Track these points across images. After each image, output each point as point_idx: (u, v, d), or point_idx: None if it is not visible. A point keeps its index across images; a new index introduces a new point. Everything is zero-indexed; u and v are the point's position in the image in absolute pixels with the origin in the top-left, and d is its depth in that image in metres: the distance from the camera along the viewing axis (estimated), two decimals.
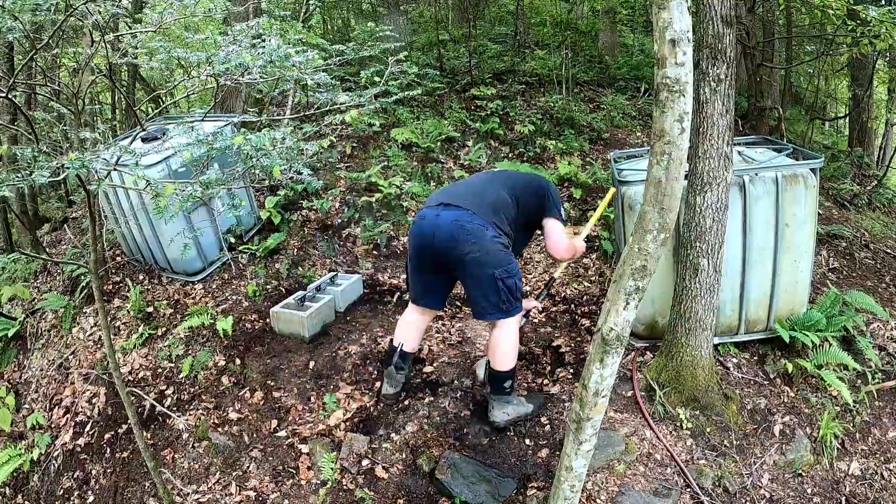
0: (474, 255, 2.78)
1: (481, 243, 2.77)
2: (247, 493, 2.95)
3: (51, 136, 5.27)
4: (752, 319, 3.39)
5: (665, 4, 1.67)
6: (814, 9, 4.63)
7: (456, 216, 2.81)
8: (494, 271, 2.78)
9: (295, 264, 4.68)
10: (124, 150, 2.32)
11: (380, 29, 5.31)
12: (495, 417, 3.02)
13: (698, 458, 2.88)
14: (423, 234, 2.91)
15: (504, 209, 2.94)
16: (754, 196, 3.13)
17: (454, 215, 2.82)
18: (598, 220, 3.32)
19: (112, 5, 2.39)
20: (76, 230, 5.47)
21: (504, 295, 2.83)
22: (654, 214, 1.81)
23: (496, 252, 2.80)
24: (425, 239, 2.90)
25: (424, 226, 2.91)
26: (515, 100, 7.41)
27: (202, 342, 3.89)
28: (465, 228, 2.78)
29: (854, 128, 7.84)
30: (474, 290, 2.91)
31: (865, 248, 4.81)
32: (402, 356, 3.21)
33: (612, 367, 2.05)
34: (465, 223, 2.79)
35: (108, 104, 8.41)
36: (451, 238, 2.79)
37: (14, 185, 1.92)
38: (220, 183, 2.54)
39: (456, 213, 2.82)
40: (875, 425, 3.18)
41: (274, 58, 2.32)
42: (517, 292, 2.88)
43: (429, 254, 2.93)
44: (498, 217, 2.89)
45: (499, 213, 2.90)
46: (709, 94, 2.78)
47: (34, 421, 3.72)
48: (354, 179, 5.63)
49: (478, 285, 2.86)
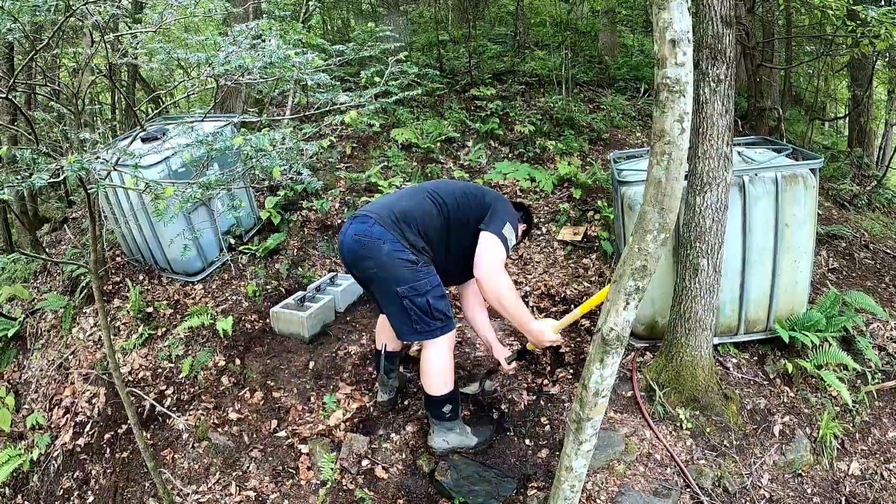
0: (372, 272, 2.60)
1: (377, 258, 2.55)
2: (247, 493, 2.95)
3: (51, 137, 5.28)
4: (752, 320, 3.39)
5: (665, 5, 1.67)
6: (813, 9, 4.63)
7: (356, 230, 2.62)
8: (397, 289, 2.56)
9: (295, 264, 4.68)
10: (124, 153, 2.32)
11: (380, 29, 5.31)
12: (433, 443, 2.89)
13: (698, 458, 2.88)
14: (340, 249, 2.77)
15: (419, 219, 2.68)
16: (754, 196, 3.13)
17: (355, 229, 2.63)
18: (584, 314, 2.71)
19: (112, 6, 2.39)
20: (76, 230, 5.47)
21: (415, 315, 2.59)
22: (654, 214, 1.81)
23: (396, 268, 2.55)
24: (341, 254, 2.77)
25: (340, 241, 2.75)
26: (515, 100, 7.41)
27: (202, 342, 3.89)
28: (361, 243, 2.59)
29: (854, 128, 7.85)
30: (384, 308, 2.74)
31: (865, 248, 4.81)
32: (388, 357, 3.13)
33: (612, 368, 2.05)
34: (362, 237, 2.59)
35: (108, 104, 8.41)
36: (352, 253, 2.64)
37: (13, 187, 1.92)
38: (220, 184, 2.54)
39: (357, 227, 2.63)
40: (875, 425, 3.18)
41: (274, 59, 2.32)
42: (434, 311, 2.61)
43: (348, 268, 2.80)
44: (406, 227, 2.63)
45: (409, 223, 2.64)
46: (708, 94, 2.78)
47: (34, 421, 3.72)
48: (354, 180, 5.64)
49: (386, 304, 2.68)
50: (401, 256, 2.56)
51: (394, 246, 2.56)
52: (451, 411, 2.84)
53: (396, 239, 2.57)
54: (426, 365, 2.73)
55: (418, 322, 2.62)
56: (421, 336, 2.67)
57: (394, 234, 2.58)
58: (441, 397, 2.78)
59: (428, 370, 2.74)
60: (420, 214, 2.69)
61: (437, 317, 2.63)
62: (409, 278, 2.56)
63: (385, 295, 2.64)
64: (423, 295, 2.58)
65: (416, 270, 2.58)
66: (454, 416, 2.87)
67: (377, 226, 2.58)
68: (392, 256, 2.55)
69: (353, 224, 2.67)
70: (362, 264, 2.62)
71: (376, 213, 2.64)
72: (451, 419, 2.86)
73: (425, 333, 2.65)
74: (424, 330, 2.64)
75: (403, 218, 2.65)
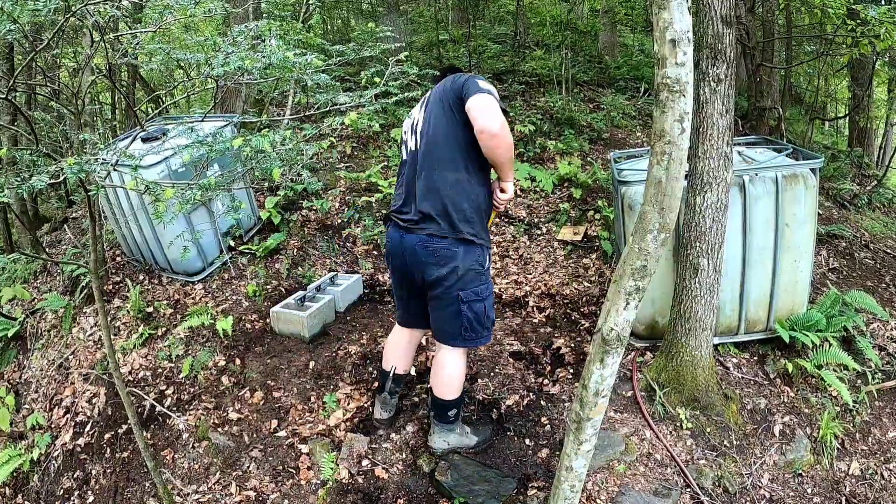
0: (440, 276, 2.50)
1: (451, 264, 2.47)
2: (247, 493, 2.95)
3: (51, 137, 5.27)
4: (752, 319, 3.39)
5: (665, 4, 1.67)
6: (813, 9, 4.63)
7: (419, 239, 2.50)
8: (460, 293, 2.50)
9: (295, 264, 4.68)
10: (124, 153, 2.32)
11: (380, 29, 5.30)
12: (433, 443, 2.87)
13: (698, 458, 2.88)
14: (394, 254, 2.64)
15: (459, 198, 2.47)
16: (754, 196, 3.13)
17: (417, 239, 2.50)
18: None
19: (112, 6, 2.39)
20: (76, 230, 5.47)
21: (467, 321, 2.55)
22: (654, 214, 1.81)
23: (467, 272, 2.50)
24: (397, 259, 2.65)
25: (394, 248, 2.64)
26: (515, 100, 7.41)
27: (202, 342, 3.89)
28: (433, 251, 2.48)
29: (854, 128, 7.85)
30: (435, 311, 2.64)
31: (865, 248, 4.81)
32: (395, 380, 3.01)
33: (612, 368, 2.05)
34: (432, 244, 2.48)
35: (108, 104, 8.41)
36: (414, 257, 2.53)
37: (14, 188, 1.92)
38: (220, 185, 2.54)
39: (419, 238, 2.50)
40: (875, 425, 3.18)
41: (273, 60, 2.32)
42: (487, 319, 2.60)
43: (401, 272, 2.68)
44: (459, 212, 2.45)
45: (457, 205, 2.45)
46: (709, 94, 2.78)
47: (34, 421, 3.72)
48: (354, 179, 5.64)
49: (440, 307, 2.59)
50: (473, 259, 2.51)
51: (467, 248, 2.50)
52: (454, 414, 2.83)
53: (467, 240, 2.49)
54: (442, 369, 2.68)
55: (469, 329, 2.57)
56: (466, 343, 2.62)
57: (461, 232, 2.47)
58: (450, 401, 2.76)
59: (442, 374, 2.69)
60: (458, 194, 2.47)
61: (486, 325, 2.62)
62: (474, 283, 2.53)
63: (443, 299, 2.54)
64: (483, 300, 2.56)
65: (481, 273, 2.56)
66: (457, 418, 2.87)
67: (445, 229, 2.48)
68: (466, 260, 2.49)
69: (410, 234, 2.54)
70: (429, 270, 2.50)
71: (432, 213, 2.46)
72: (453, 422, 2.87)
73: (470, 341, 2.61)
74: (472, 338, 2.60)
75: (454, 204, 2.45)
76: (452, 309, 2.56)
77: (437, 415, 2.86)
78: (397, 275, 2.76)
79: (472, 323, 2.58)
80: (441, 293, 2.55)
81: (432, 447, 2.89)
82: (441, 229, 2.47)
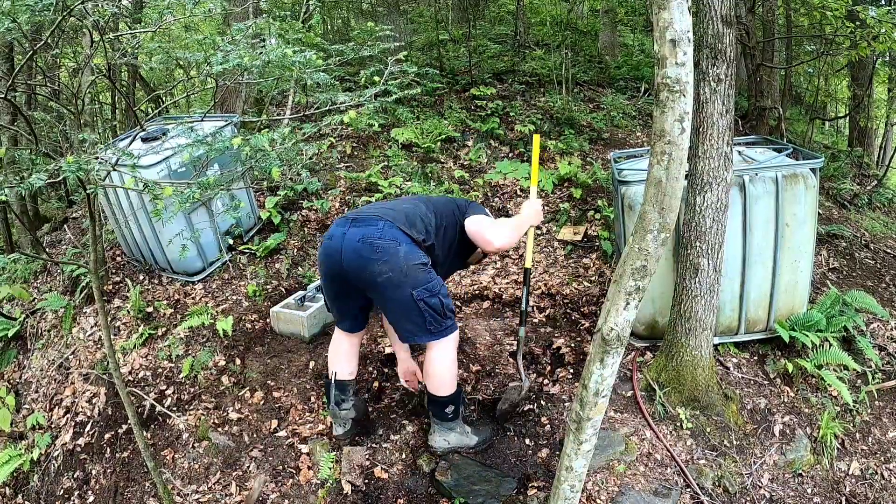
0: (384, 276, 2.48)
1: (393, 262, 2.47)
2: (247, 492, 2.95)
3: (51, 137, 5.28)
4: (752, 319, 3.39)
5: (665, 4, 1.67)
6: (813, 10, 4.63)
7: (364, 233, 2.52)
8: (412, 291, 2.49)
9: (295, 264, 4.68)
10: (123, 153, 2.32)
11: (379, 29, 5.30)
12: (433, 442, 2.86)
13: (698, 457, 2.88)
14: (330, 255, 2.61)
15: (423, 219, 2.68)
16: (754, 196, 3.13)
17: (361, 232, 2.52)
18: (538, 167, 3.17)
19: (111, 5, 2.39)
20: (76, 230, 5.47)
21: (429, 315, 2.55)
22: (654, 214, 1.81)
23: (413, 269, 2.51)
24: (332, 260, 2.60)
25: (331, 246, 2.60)
26: (515, 100, 7.41)
27: (202, 342, 3.89)
28: (373, 246, 2.48)
29: (854, 127, 7.85)
30: (393, 314, 2.65)
31: (865, 247, 4.81)
32: (339, 387, 2.88)
33: (612, 367, 2.05)
34: (374, 239, 2.49)
35: (108, 104, 8.41)
36: (356, 256, 2.50)
37: (12, 187, 1.92)
38: (220, 184, 2.53)
39: (364, 230, 2.53)
40: (875, 425, 3.18)
41: (272, 58, 2.32)
42: (446, 310, 2.60)
43: (339, 277, 2.64)
44: (415, 228, 2.61)
45: (415, 224, 2.63)
46: (709, 93, 2.78)
47: (34, 421, 3.72)
48: (354, 179, 5.63)
49: (394, 308, 2.60)
50: (416, 258, 2.54)
51: (410, 247, 2.54)
52: (453, 412, 2.82)
53: (413, 239, 2.57)
54: (432, 365, 2.70)
55: (432, 322, 2.58)
56: (434, 336, 2.62)
57: (408, 233, 2.56)
58: (445, 398, 2.76)
59: (433, 371, 2.70)
60: (422, 216, 2.70)
61: (448, 315, 2.63)
62: (424, 279, 2.53)
63: (395, 300, 2.54)
64: (436, 295, 2.56)
65: (428, 271, 2.58)
66: (456, 416, 2.85)
67: (390, 227, 2.54)
68: (409, 258, 2.51)
69: (353, 227, 2.57)
70: (370, 268, 2.49)
71: (382, 215, 2.59)
72: (453, 419, 2.85)
73: (437, 333, 2.62)
74: (437, 330, 2.61)
75: (409, 219, 2.63)
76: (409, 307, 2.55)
77: (434, 412, 2.85)
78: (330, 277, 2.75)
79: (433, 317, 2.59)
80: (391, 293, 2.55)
81: (432, 446, 2.89)
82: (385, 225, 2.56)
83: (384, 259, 2.48)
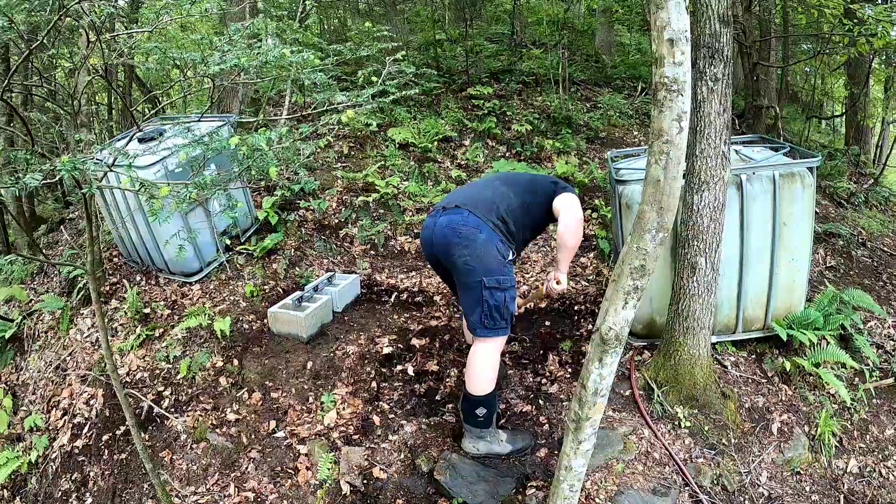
0: (463, 260, 2.65)
1: (472, 247, 2.63)
2: (245, 493, 2.94)
3: (47, 138, 5.25)
4: (750, 318, 3.39)
5: (663, 4, 1.67)
6: (810, 8, 4.63)
7: (450, 220, 2.71)
8: (483, 278, 2.63)
9: (292, 264, 4.67)
10: (119, 153, 2.31)
11: (376, 28, 5.30)
12: (464, 446, 2.89)
13: (697, 456, 2.89)
14: (425, 241, 2.88)
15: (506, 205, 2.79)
16: (751, 195, 3.13)
17: (449, 219, 2.72)
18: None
19: (108, 5, 2.38)
20: (73, 231, 5.45)
21: (487, 308, 2.66)
22: (652, 214, 1.81)
23: (488, 258, 2.65)
24: (427, 244, 2.87)
25: (425, 234, 2.87)
26: (512, 99, 7.41)
27: (200, 343, 3.88)
28: (457, 232, 2.66)
29: (851, 126, 7.86)
30: (463, 298, 2.79)
31: (862, 246, 4.82)
32: None
33: (610, 367, 2.05)
34: (459, 226, 2.67)
35: (104, 105, 8.38)
36: (444, 240, 2.71)
37: (7, 187, 1.91)
38: (216, 184, 2.52)
39: (451, 217, 2.72)
40: (873, 423, 3.19)
41: (269, 58, 2.31)
42: (505, 310, 2.69)
43: (434, 260, 2.90)
44: (496, 215, 2.74)
45: (498, 210, 2.75)
46: (706, 93, 2.78)
47: (32, 423, 3.71)
48: (351, 179, 5.63)
49: (466, 293, 2.73)
50: (494, 248, 2.66)
51: (489, 235, 2.66)
52: (484, 415, 2.80)
53: (491, 229, 2.68)
54: (474, 358, 2.76)
55: (488, 317, 2.67)
56: (486, 331, 2.70)
57: (488, 224, 2.68)
58: (479, 397, 2.76)
59: (473, 367, 2.75)
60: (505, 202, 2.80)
61: (504, 316, 2.70)
62: (497, 271, 2.65)
63: (467, 284, 2.69)
64: (504, 291, 2.67)
65: (504, 264, 2.69)
66: (487, 422, 2.83)
67: (472, 216, 2.69)
68: (487, 246, 2.64)
69: (444, 215, 2.75)
70: (454, 252, 2.66)
71: (467, 204, 2.74)
72: (483, 426, 2.83)
73: (489, 330, 2.70)
74: (490, 326, 2.69)
75: (490, 207, 2.74)
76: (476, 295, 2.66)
77: (465, 411, 2.84)
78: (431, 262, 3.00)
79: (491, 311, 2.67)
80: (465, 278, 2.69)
81: (464, 449, 2.89)
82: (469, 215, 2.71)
83: (464, 244, 2.64)
